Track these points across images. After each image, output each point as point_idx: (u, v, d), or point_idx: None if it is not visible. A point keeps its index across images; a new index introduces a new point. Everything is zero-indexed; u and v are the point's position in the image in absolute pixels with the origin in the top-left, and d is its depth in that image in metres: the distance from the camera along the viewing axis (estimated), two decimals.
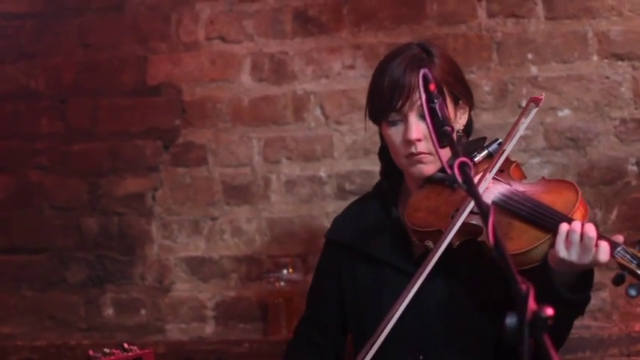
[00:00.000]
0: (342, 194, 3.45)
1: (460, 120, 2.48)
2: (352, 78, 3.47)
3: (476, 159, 2.37)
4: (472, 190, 1.72)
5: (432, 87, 2.05)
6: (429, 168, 2.39)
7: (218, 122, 3.57)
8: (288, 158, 3.52)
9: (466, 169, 1.76)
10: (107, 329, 3.63)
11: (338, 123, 3.47)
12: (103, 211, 3.65)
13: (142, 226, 3.62)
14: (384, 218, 2.51)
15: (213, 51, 3.59)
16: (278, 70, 3.53)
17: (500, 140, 2.39)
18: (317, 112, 3.49)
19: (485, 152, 2.39)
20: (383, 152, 2.56)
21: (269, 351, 3.32)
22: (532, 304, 1.41)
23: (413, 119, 2.36)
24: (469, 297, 2.35)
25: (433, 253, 2.23)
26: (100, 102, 3.68)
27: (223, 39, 3.58)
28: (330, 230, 2.65)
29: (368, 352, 2.25)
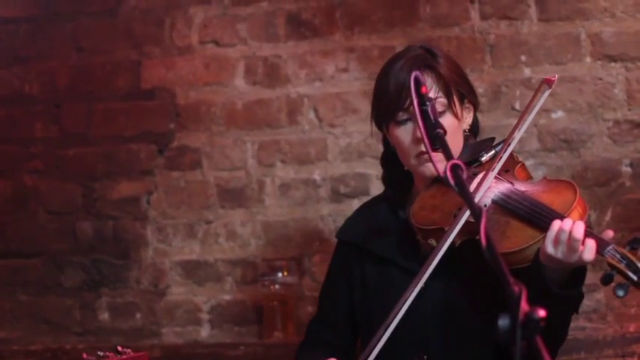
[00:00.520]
0: (337, 197, 3.45)
1: (466, 119, 2.49)
2: (346, 81, 3.47)
3: (483, 158, 2.40)
4: (464, 193, 1.73)
5: (424, 89, 2.06)
6: (438, 167, 2.40)
7: (212, 126, 3.57)
8: (282, 161, 3.52)
9: (458, 172, 1.76)
10: (103, 333, 3.63)
11: (332, 126, 3.48)
12: (98, 215, 3.65)
13: (137, 230, 3.62)
14: (393, 219, 2.52)
15: (206, 55, 3.59)
16: (272, 74, 3.53)
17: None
18: (311, 115, 3.49)
19: (492, 152, 2.41)
20: (385, 159, 2.58)
21: (264, 354, 3.32)
22: (524, 306, 1.41)
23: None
24: (472, 296, 2.36)
25: (435, 252, 2.24)
26: (95, 106, 3.67)
27: (217, 43, 3.58)
28: (341, 230, 2.67)
29: (371, 352, 2.26)
